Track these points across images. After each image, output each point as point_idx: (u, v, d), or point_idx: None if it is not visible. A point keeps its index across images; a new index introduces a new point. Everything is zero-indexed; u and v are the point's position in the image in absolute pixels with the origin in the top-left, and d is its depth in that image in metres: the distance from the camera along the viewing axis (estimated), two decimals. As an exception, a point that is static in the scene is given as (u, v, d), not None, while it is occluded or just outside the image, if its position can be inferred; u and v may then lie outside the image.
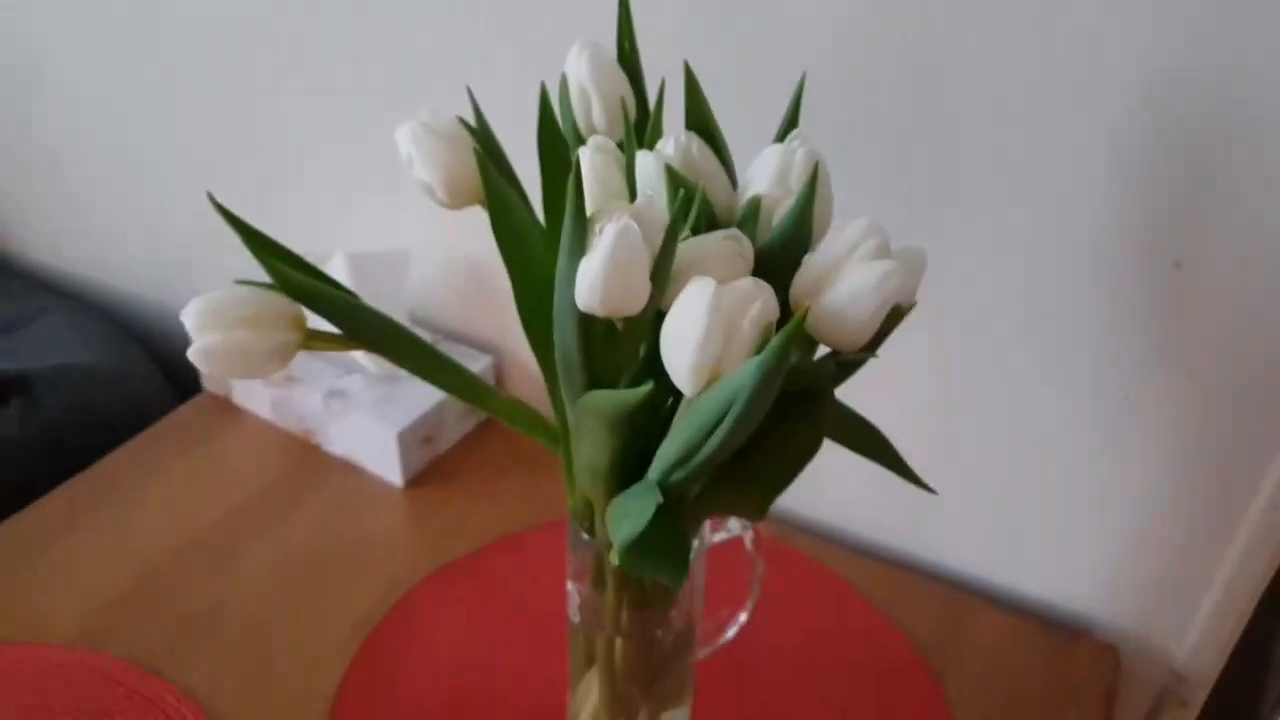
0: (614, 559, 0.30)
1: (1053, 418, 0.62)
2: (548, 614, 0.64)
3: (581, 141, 0.43)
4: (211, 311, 0.39)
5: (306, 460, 0.76)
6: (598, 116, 0.41)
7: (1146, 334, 0.57)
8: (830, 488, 0.71)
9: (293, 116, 0.78)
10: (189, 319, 0.39)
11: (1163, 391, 0.58)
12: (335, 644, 0.62)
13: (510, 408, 0.46)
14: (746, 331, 0.31)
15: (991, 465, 0.65)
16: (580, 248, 0.32)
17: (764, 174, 0.35)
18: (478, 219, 0.73)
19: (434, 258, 0.77)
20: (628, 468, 0.41)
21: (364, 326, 0.43)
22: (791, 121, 0.39)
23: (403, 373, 0.76)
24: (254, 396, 0.79)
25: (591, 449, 0.40)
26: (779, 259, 0.35)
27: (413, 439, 0.73)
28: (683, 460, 0.35)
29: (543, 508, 0.73)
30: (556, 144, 0.44)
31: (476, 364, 0.78)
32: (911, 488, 0.43)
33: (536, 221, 0.43)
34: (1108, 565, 0.65)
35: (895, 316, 0.33)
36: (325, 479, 0.75)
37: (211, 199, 0.41)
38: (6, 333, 0.88)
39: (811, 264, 0.33)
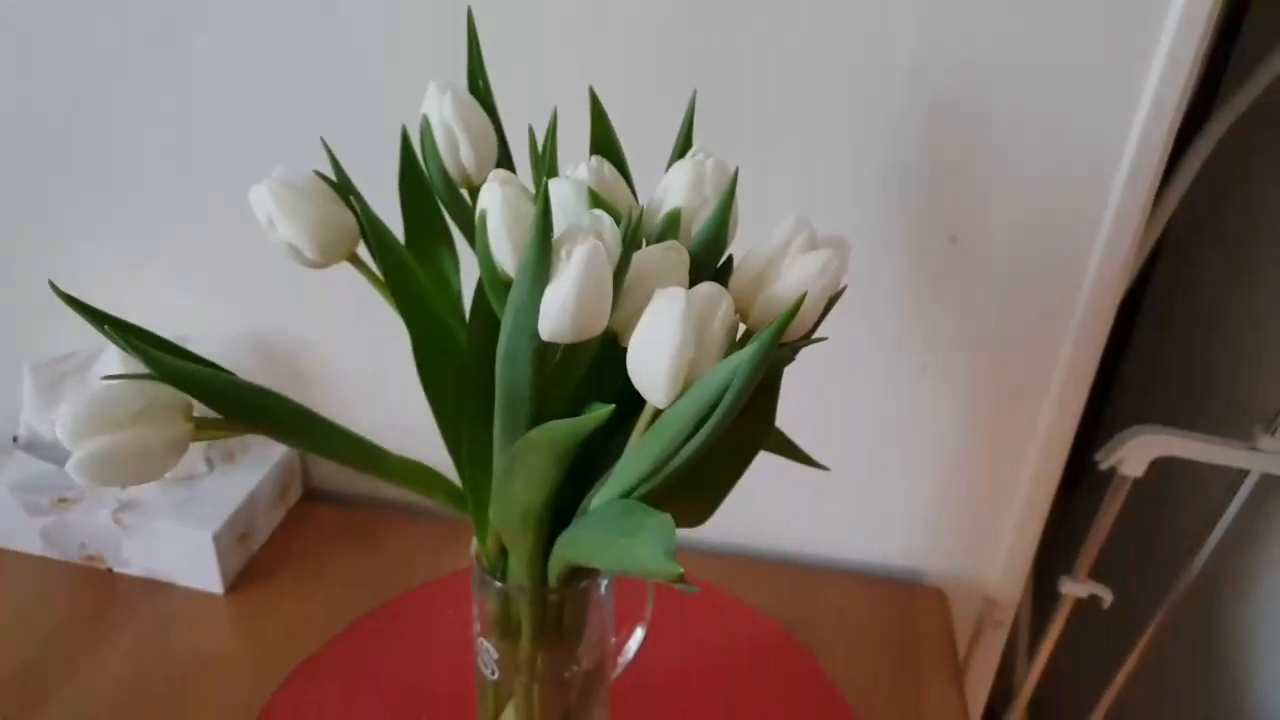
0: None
1: (857, 395, 0.68)
2: (423, 686, 0.62)
3: (448, 180, 0.42)
4: (94, 415, 0.34)
5: (99, 589, 0.67)
6: (466, 155, 0.41)
7: (935, 303, 0.64)
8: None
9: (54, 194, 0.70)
10: (65, 426, 0.34)
11: (950, 356, 0.66)
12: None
13: (411, 470, 0.44)
14: (717, 333, 0.32)
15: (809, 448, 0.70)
16: (544, 278, 0.31)
17: (679, 187, 0.36)
18: (255, 294, 0.70)
19: (209, 345, 0.71)
20: (563, 501, 0.41)
21: (250, 406, 0.39)
22: (687, 139, 0.41)
23: (200, 470, 0.70)
24: (14, 531, 0.69)
25: (527, 487, 0.39)
26: (702, 263, 0.37)
27: (229, 539, 0.67)
28: (652, 474, 0.35)
29: (378, 585, 0.69)
30: (419, 186, 0.43)
31: (279, 446, 0.73)
32: (749, 480, 0.45)
33: (419, 268, 0.42)
34: (923, 520, 0.73)
35: (830, 301, 0.35)
36: (129, 605, 0.66)
37: (55, 288, 0.36)
38: None
39: (748, 263, 0.35)
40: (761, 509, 0.73)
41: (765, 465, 0.47)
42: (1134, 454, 0.70)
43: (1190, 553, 0.75)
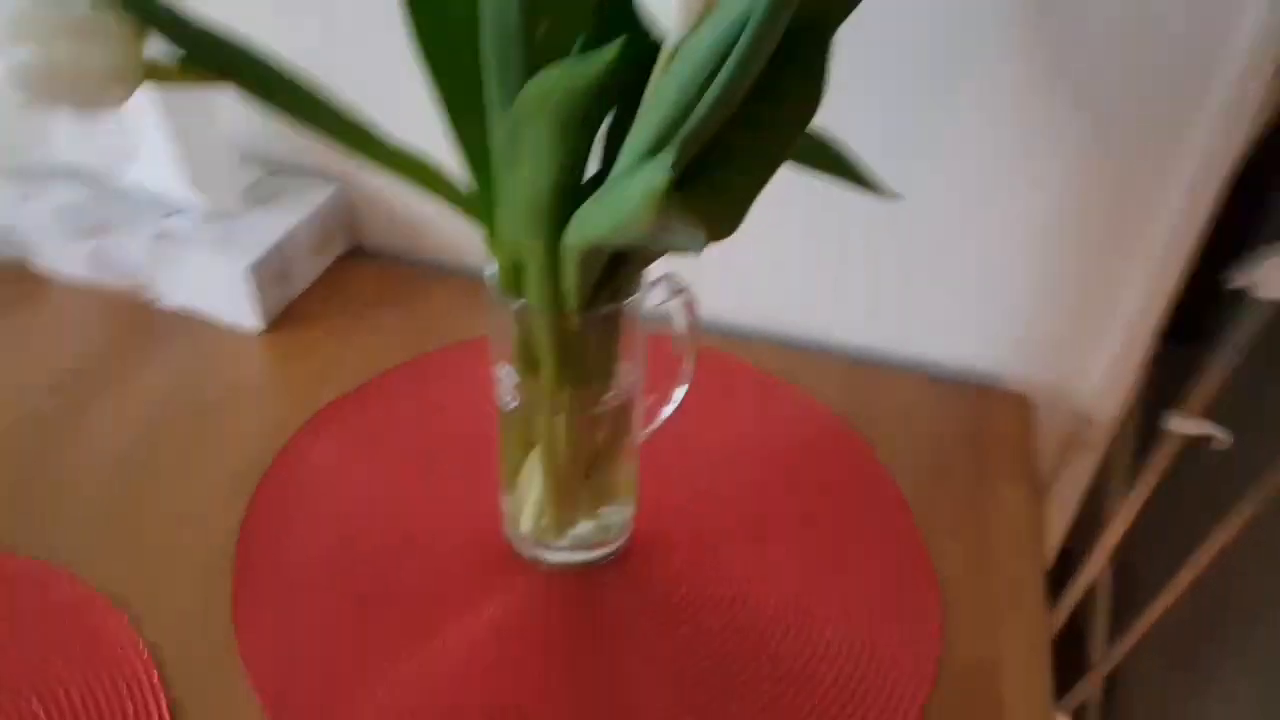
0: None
1: (942, 179, 0.59)
2: (448, 439, 0.59)
3: None
4: (24, 17, 0.29)
5: (139, 319, 0.66)
6: None
7: (1041, 78, 0.54)
8: (732, 279, 0.67)
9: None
10: (-8, 29, 0.29)
11: (1057, 120, 0.56)
12: (220, 501, 0.54)
13: (407, 159, 0.39)
14: (748, -67, 0.25)
15: (889, 237, 0.63)
16: None
17: None
18: (308, 23, 0.64)
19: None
20: (573, 188, 0.36)
21: (213, 46, 0.34)
22: None
23: (238, 207, 0.67)
24: (62, 254, 0.68)
25: (534, 168, 0.34)
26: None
27: (266, 275, 0.64)
28: (670, 130, 0.29)
29: (418, 339, 0.66)
30: None
31: (322, 193, 0.69)
32: (810, 268, 0.38)
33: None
34: (1013, 321, 0.65)
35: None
36: (166, 336, 0.65)
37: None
38: None
39: None
40: (822, 297, 0.67)
41: (825, 245, 0.40)
42: (1276, 273, 0.61)
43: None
